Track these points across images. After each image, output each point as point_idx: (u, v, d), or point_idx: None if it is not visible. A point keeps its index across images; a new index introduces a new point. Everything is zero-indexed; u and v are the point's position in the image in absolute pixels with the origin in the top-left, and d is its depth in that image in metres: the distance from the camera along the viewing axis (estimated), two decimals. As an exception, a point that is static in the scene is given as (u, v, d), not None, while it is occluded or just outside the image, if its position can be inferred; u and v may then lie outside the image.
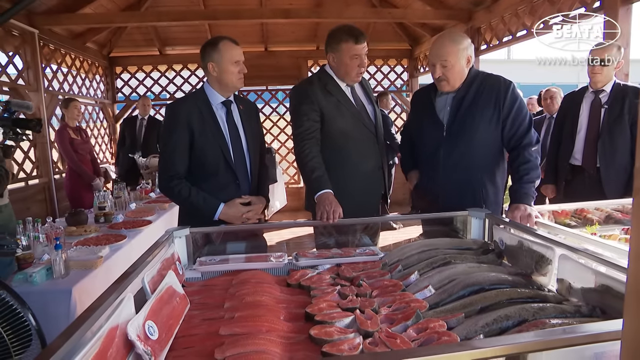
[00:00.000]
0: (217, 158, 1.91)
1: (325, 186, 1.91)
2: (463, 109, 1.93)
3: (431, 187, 2.04)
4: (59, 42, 5.15)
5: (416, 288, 1.29)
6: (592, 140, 2.70)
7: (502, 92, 1.90)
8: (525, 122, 1.91)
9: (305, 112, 2.03)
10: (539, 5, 4.08)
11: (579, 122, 2.78)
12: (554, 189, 2.98)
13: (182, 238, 1.63)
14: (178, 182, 1.87)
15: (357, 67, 2.02)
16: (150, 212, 3.32)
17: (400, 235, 4.71)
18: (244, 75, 1.94)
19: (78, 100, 4.39)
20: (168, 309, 1.12)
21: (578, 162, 2.79)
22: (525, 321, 1.02)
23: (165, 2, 5.90)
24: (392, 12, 5.87)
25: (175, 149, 1.88)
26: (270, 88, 7.13)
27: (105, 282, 1.93)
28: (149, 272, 1.21)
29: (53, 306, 1.77)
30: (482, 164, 1.95)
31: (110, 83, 6.72)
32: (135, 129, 5.29)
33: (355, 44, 1.99)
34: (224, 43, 1.88)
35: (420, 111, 2.12)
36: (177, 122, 1.87)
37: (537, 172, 1.88)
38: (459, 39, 1.91)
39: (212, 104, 1.94)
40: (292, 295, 1.36)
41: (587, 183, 2.74)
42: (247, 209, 1.92)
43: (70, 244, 2.36)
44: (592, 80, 2.73)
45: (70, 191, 4.32)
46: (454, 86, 1.94)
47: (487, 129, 1.91)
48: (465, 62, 1.91)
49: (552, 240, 1.32)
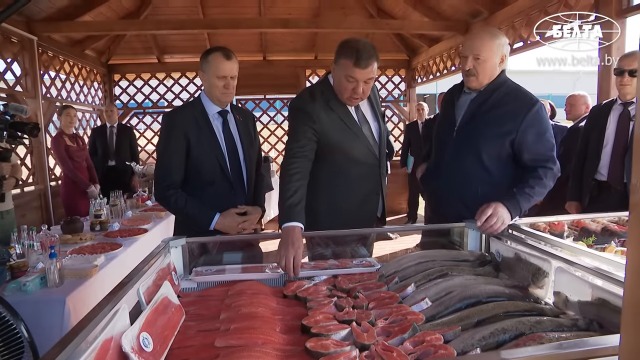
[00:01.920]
0: (213, 168, 1.91)
1: (296, 218, 1.60)
2: (478, 114, 1.82)
3: (433, 184, 1.99)
4: (58, 49, 5.17)
5: (413, 300, 1.29)
6: (620, 154, 2.56)
7: (523, 114, 1.75)
8: (547, 147, 1.77)
9: (302, 129, 1.84)
10: (535, 18, 4.12)
11: (606, 135, 2.62)
12: (578, 206, 2.83)
13: (178, 248, 1.62)
14: (174, 191, 1.87)
15: (350, 91, 1.76)
16: (147, 220, 3.30)
17: (397, 245, 4.70)
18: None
19: (73, 108, 4.38)
20: (163, 320, 1.11)
21: (604, 177, 2.64)
22: (522, 335, 1.01)
23: (164, 10, 5.93)
24: (390, 23, 5.93)
25: (171, 158, 1.87)
26: (268, 97, 7.15)
27: (101, 291, 1.93)
28: (144, 283, 1.20)
29: (46, 316, 1.75)
30: (484, 177, 1.83)
31: (108, 90, 6.73)
32: (105, 137, 5.22)
33: (354, 66, 1.70)
34: (214, 55, 1.86)
35: (443, 108, 2.06)
36: (174, 131, 1.87)
37: (542, 192, 1.73)
38: (497, 34, 1.80)
39: (208, 113, 1.94)
40: (288, 307, 1.35)
41: (613, 199, 2.57)
42: (242, 219, 1.90)
43: (65, 252, 2.35)
44: (620, 92, 2.59)
45: (65, 198, 4.30)
46: (482, 83, 1.82)
47: (494, 143, 1.79)
48: (499, 59, 1.80)
49: (549, 252, 1.32)
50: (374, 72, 1.77)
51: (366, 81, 1.76)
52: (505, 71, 1.87)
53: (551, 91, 16.81)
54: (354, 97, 1.80)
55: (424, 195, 2.13)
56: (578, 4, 3.58)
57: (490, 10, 4.86)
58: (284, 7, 6.08)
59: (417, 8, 5.69)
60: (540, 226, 2.01)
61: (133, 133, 5.62)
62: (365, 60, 1.69)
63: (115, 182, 5.02)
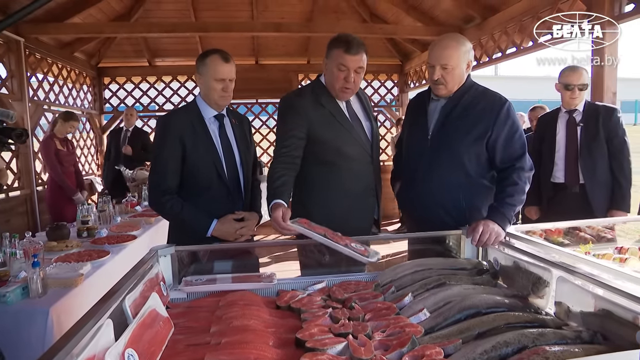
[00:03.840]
0: (210, 173, 1.86)
1: (278, 197, 1.72)
2: (450, 120, 1.84)
3: (410, 198, 1.97)
4: (46, 51, 5.06)
5: (410, 311, 1.25)
6: (573, 157, 2.76)
7: (495, 111, 1.78)
8: (518, 145, 1.79)
9: (290, 127, 1.87)
10: (528, 24, 4.14)
11: (557, 141, 2.84)
12: (538, 210, 3.00)
13: (167, 257, 1.57)
14: (170, 197, 1.82)
15: (342, 80, 1.81)
16: (136, 226, 3.23)
17: (391, 249, 4.66)
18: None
19: (76, 120, 4.28)
20: (150, 335, 1.06)
21: (560, 179, 2.83)
22: (525, 348, 0.98)
23: (155, 13, 5.87)
24: (383, 28, 5.93)
25: (167, 164, 1.83)
26: (261, 101, 7.10)
27: (87, 301, 1.86)
28: (130, 295, 1.15)
29: (28, 328, 1.68)
30: (466, 182, 1.83)
31: (98, 94, 6.63)
32: (119, 140, 5.19)
33: (345, 52, 1.78)
34: (212, 58, 1.83)
35: (412, 116, 2.06)
36: (169, 136, 1.82)
37: (522, 198, 1.74)
38: (462, 41, 1.82)
39: (204, 117, 1.90)
40: (281, 319, 1.30)
41: (570, 200, 2.77)
42: (240, 225, 1.85)
43: (50, 259, 2.27)
44: (568, 104, 2.82)
45: (51, 203, 4.21)
46: (451, 90, 1.84)
47: (473, 146, 1.79)
48: (465, 66, 1.82)
49: (549, 261, 1.29)
50: (364, 62, 1.83)
51: (357, 70, 1.82)
52: (470, 75, 1.90)
53: (541, 97, 17.03)
54: (345, 87, 1.84)
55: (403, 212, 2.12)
56: (571, 10, 3.59)
57: (482, 16, 4.87)
58: (277, 11, 6.05)
59: (410, 13, 5.69)
60: (536, 232, 2.00)
61: (147, 137, 5.48)
62: (355, 47, 1.79)
63: (124, 187, 4.93)
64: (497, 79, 20.91)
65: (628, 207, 2.71)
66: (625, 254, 1.68)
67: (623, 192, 2.68)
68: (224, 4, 5.86)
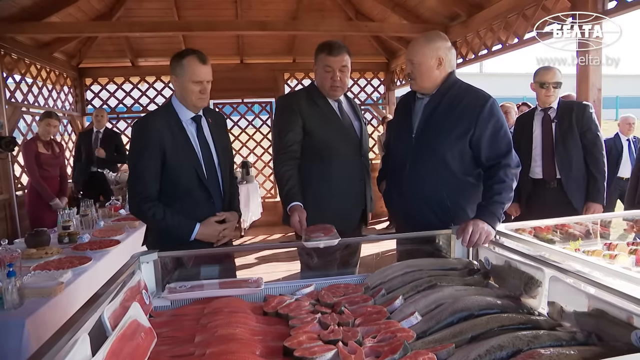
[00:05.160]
0: (190, 176, 1.82)
1: (294, 199, 1.92)
2: (434, 118, 1.83)
3: (396, 197, 1.96)
4: (23, 51, 4.90)
5: (401, 315, 1.22)
6: (549, 152, 2.84)
7: (478, 108, 1.76)
8: (503, 142, 1.77)
9: (287, 123, 2.02)
10: (513, 21, 4.15)
11: (534, 138, 2.92)
12: (518, 207, 3.05)
13: (149, 263, 1.51)
14: (151, 204, 1.77)
15: (329, 80, 2.00)
16: (119, 230, 3.14)
17: (379, 248, 4.64)
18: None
19: (56, 117, 4.12)
20: (131, 347, 1.01)
21: (539, 175, 2.90)
22: (520, 351, 0.95)
23: (137, 12, 5.75)
24: (369, 26, 5.90)
25: (146, 169, 1.77)
26: (247, 101, 7.02)
27: (67, 311, 1.78)
28: (110, 306, 1.09)
29: (2, 341, 1.59)
30: (450, 180, 1.81)
31: (79, 95, 6.47)
32: (90, 142, 5.01)
33: (328, 55, 1.99)
34: (189, 59, 1.78)
35: (398, 115, 2.07)
36: (148, 141, 1.76)
37: (510, 195, 1.71)
38: (433, 38, 1.83)
39: (182, 120, 1.84)
40: (269, 325, 1.26)
41: (549, 194, 2.84)
42: (223, 227, 1.86)
43: (28, 267, 2.18)
44: (543, 101, 2.89)
45: (30, 209, 4.08)
46: (421, 86, 1.85)
47: (455, 144, 1.78)
48: (434, 62, 1.80)
49: (541, 260, 1.27)
50: (346, 61, 2.03)
51: (341, 69, 2.01)
52: (454, 72, 1.89)
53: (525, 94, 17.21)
54: (334, 86, 2.02)
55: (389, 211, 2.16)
56: (555, 7, 3.61)
57: (468, 13, 4.87)
58: (261, 9, 5.98)
59: (396, 11, 5.68)
60: (525, 230, 1.98)
61: (120, 139, 5.37)
62: (336, 49, 2.00)
63: (97, 189, 4.81)
64: (482, 76, 21.07)
65: (603, 199, 2.76)
66: (614, 250, 1.68)
67: (598, 185, 2.74)
68: (207, 2, 5.78)
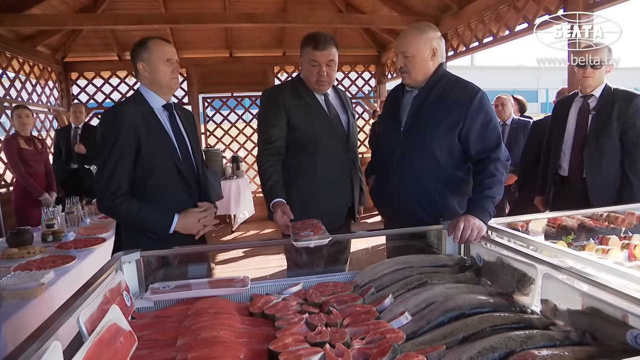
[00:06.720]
0: (168, 167, 1.75)
1: (276, 195, 1.89)
2: (422, 111, 1.79)
3: (384, 190, 1.93)
4: (4, 44, 4.76)
5: (391, 314, 1.18)
6: (578, 149, 2.50)
7: (467, 101, 1.73)
8: (493, 135, 1.74)
9: (271, 117, 1.98)
10: (504, 13, 4.12)
11: (566, 129, 2.57)
12: (542, 201, 2.81)
13: (131, 263, 1.45)
14: (123, 198, 1.67)
15: (315, 75, 1.93)
16: (105, 228, 3.07)
17: (370, 243, 4.62)
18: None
19: (26, 108, 4.04)
20: (109, 353, 0.96)
21: (565, 172, 2.59)
22: (512, 352, 0.92)
23: (123, 4, 5.62)
24: (359, 18, 5.83)
25: (118, 162, 1.67)
26: (236, 95, 6.92)
27: (48, 313, 1.72)
28: (86, 310, 1.04)
29: (-21, 346, 1.54)
30: (439, 174, 1.78)
31: (65, 89, 6.33)
32: (69, 138, 4.88)
33: (314, 49, 1.91)
34: (153, 41, 1.78)
35: (387, 109, 2.04)
36: (121, 131, 1.67)
37: (500, 189, 1.68)
38: (424, 29, 1.78)
39: (153, 108, 1.77)
40: (254, 327, 1.21)
41: (573, 195, 2.52)
42: (203, 214, 1.80)
43: (8, 268, 2.11)
44: (582, 85, 2.52)
45: (16, 206, 3.99)
46: (416, 79, 1.80)
47: (444, 137, 1.75)
48: (429, 53, 1.77)
49: (534, 257, 1.24)
50: (334, 55, 1.95)
51: (328, 63, 1.93)
52: (444, 64, 1.85)
53: (516, 86, 17.32)
54: (320, 81, 1.95)
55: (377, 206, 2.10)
56: None
57: (459, 5, 4.83)
58: (250, 1, 5.88)
59: (386, 3, 5.63)
60: (517, 224, 1.96)
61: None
62: (323, 43, 1.91)
63: (77, 186, 4.71)
64: (473, 69, 21.12)
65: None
66: (607, 244, 1.66)
67: (633, 192, 2.34)
68: (194, -6, 5.68)
